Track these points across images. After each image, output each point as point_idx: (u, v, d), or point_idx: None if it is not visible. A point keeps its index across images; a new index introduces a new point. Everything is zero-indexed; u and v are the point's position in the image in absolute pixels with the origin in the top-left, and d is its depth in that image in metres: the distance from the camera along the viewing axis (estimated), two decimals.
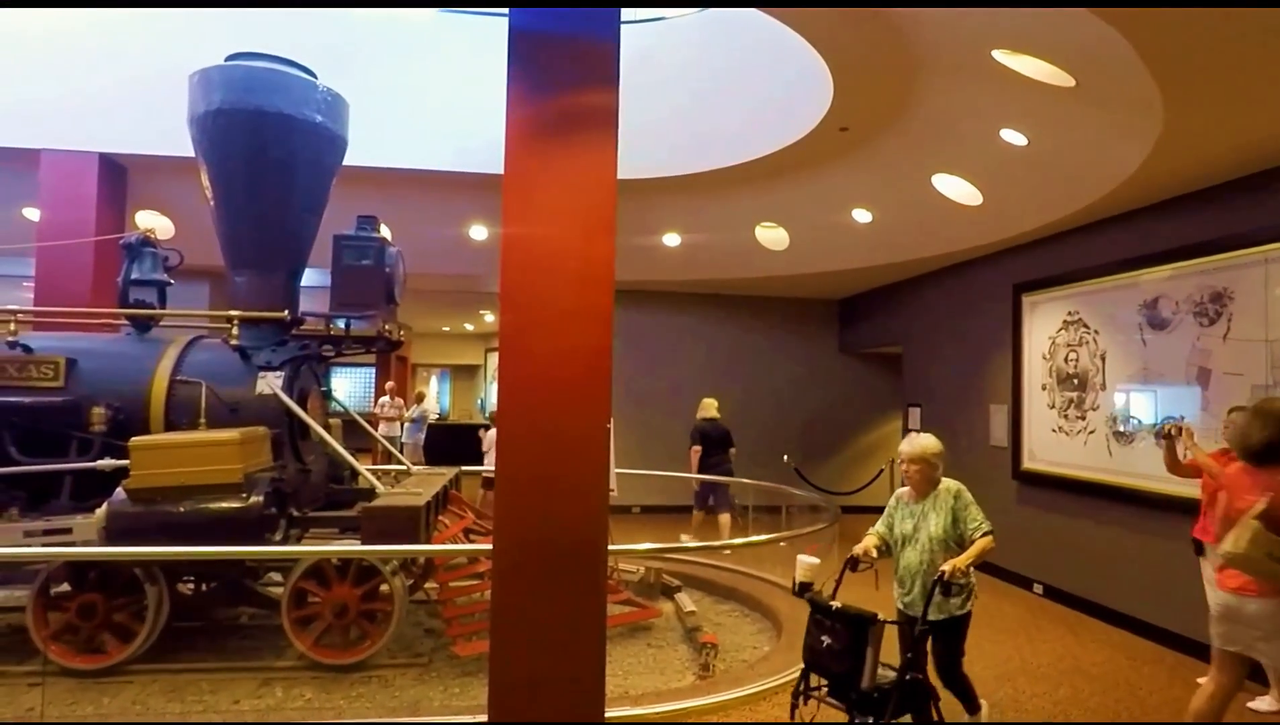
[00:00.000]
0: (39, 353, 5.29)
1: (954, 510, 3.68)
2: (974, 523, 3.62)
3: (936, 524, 3.69)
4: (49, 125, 7.01)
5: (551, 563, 3.83)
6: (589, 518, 3.98)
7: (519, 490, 3.96)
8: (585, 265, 4.03)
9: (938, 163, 6.55)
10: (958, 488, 3.73)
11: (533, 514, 3.91)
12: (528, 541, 3.82)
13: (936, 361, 9.28)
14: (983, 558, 3.55)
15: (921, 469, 3.74)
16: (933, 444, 3.76)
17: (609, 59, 4.14)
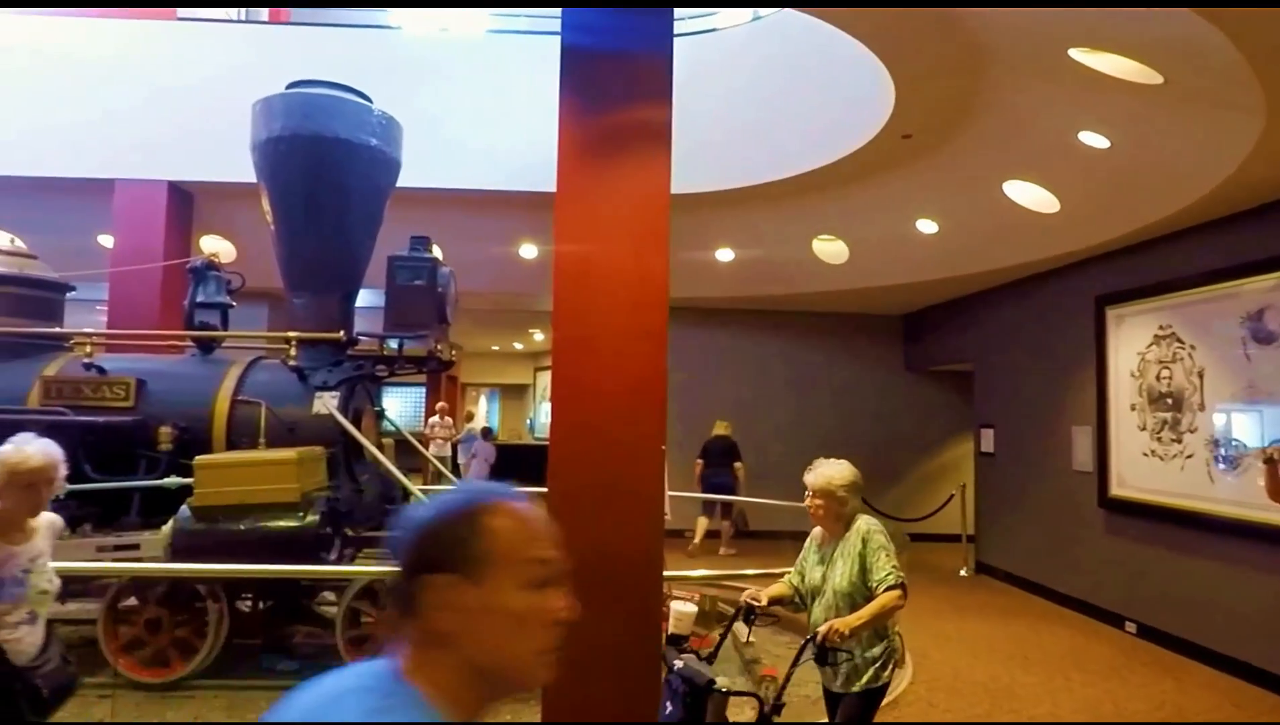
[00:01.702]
0: (112, 374, 5.45)
1: (862, 557, 2.92)
2: (881, 572, 2.86)
3: (843, 574, 2.95)
4: (122, 156, 7.31)
5: (605, 588, 3.69)
6: (643, 542, 3.85)
7: (571, 513, 3.86)
8: (638, 283, 3.94)
9: (1009, 169, 6.23)
10: (868, 528, 2.98)
11: (585, 537, 3.79)
12: (580, 566, 3.69)
13: (1011, 380, 8.82)
14: (883, 618, 2.86)
15: (826, 504, 3.01)
16: (842, 473, 3.04)
17: (661, 73, 4.06)
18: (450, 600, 0.91)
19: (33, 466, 2.55)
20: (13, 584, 2.55)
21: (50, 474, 2.60)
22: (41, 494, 2.59)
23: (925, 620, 6.85)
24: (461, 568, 0.92)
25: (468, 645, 0.92)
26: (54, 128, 7.22)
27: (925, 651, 6.04)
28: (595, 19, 4.12)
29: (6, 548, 2.57)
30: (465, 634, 0.91)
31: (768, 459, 10.48)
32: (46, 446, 2.62)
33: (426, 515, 0.97)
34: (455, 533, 0.94)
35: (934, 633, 6.58)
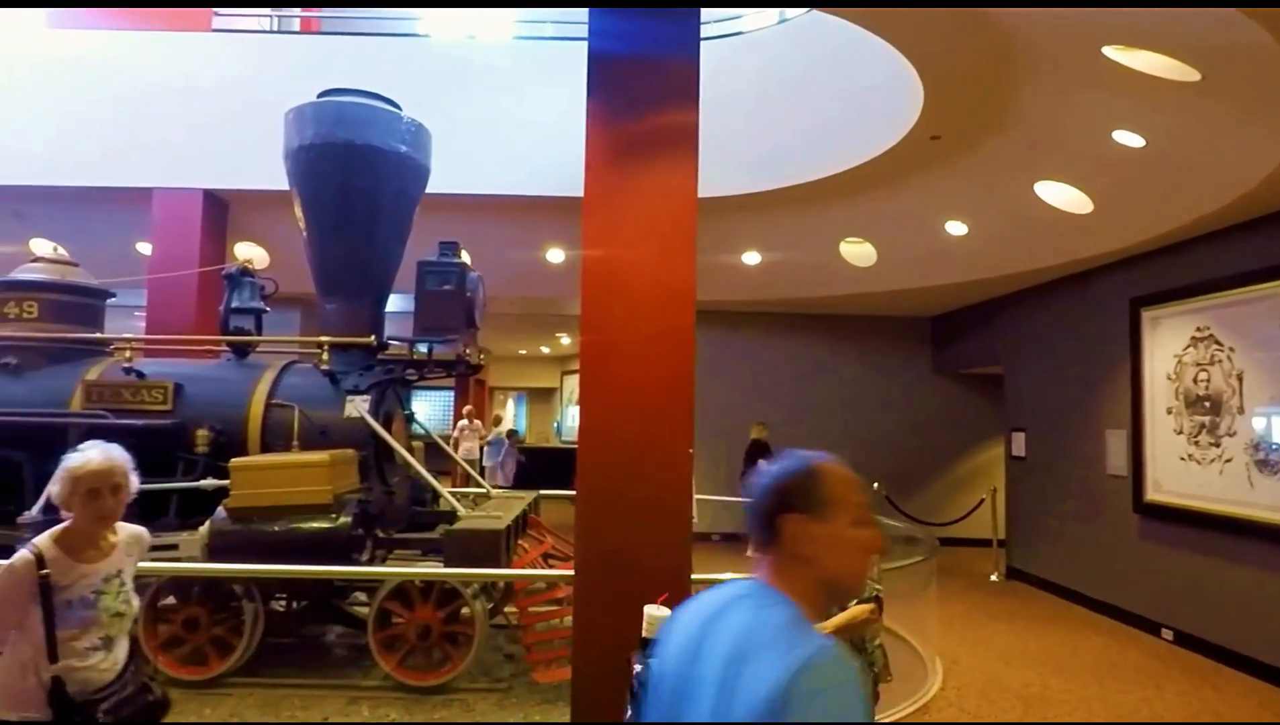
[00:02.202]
0: (150, 378, 5.57)
1: None
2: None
3: None
4: (160, 165, 7.49)
5: (634, 590, 3.70)
6: (672, 545, 3.86)
7: (599, 515, 3.88)
8: (666, 286, 3.95)
9: (1041, 169, 6.14)
10: None
11: (614, 540, 3.81)
12: (609, 568, 3.72)
13: (1042, 382, 8.69)
14: (850, 631, 2.72)
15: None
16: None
17: (688, 77, 4.08)
18: (803, 533, 1.28)
19: (92, 470, 2.35)
20: (81, 606, 2.31)
21: (115, 479, 2.40)
22: (106, 502, 2.37)
23: (956, 626, 6.77)
24: (810, 509, 1.29)
25: (816, 565, 1.28)
26: (94, 139, 7.41)
27: (956, 657, 5.97)
28: (622, 24, 4.14)
29: (75, 566, 2.34)
30: (814, 557, 1.28)
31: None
32: (109, 450, 2.43)
33: (779, 473, 1.34)
34: (804, 484, 1.31)
35: (965, 638, 6.50)
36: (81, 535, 2.39)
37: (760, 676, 1.15)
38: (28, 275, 5.84)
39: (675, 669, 1.33)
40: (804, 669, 1.13)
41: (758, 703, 1.13)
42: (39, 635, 2.25)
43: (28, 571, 2.27)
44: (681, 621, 1.38)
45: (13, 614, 2.26)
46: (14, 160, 7.40)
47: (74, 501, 2.35)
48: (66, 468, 2.37)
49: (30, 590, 2.26)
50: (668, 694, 1.33)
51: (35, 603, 2.25)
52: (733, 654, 1.22)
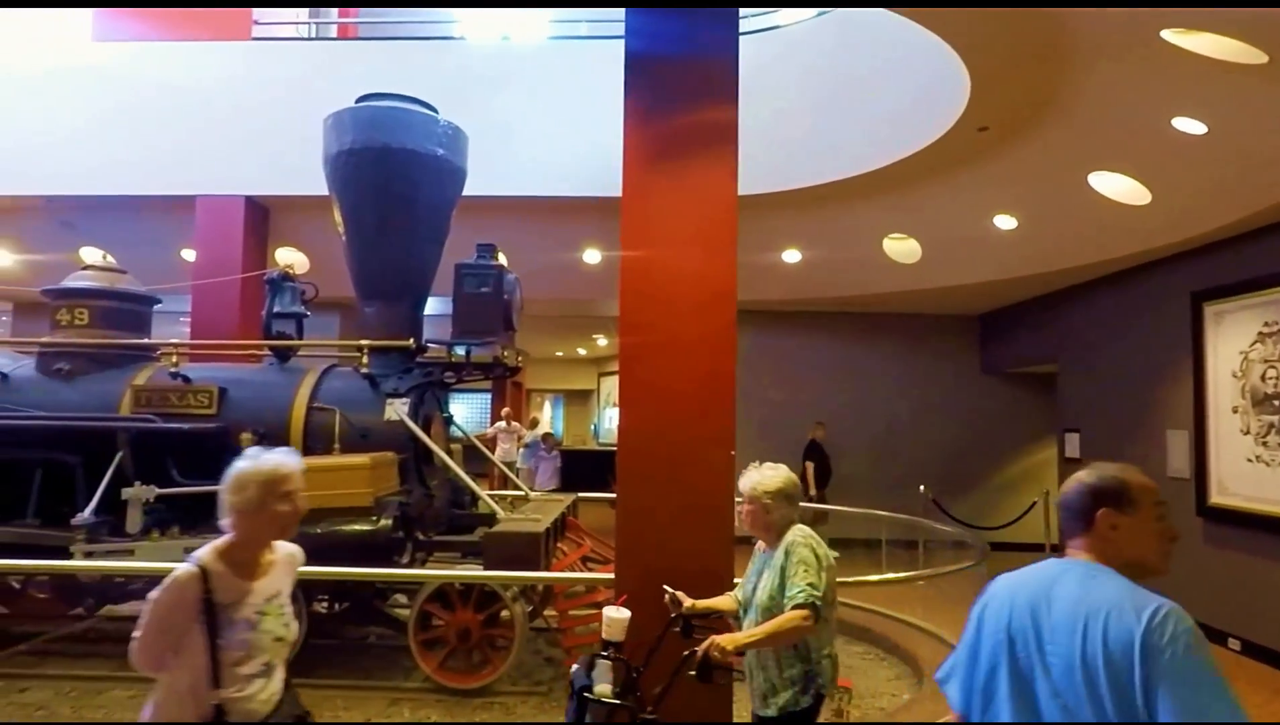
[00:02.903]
0: (196, 382, 5.65)
1: (783, 569, 2.67)
2: (793, 588, 2.58)
3: (764, 588, 2.72)
4: (203, 173, 7.65)
5: None
6: (713, 548, 3.79)
7: (640, 519, 3.82)
8: (706, 286, 3.88)
9: (1095, 160, 5.91)
10: (795, 538, 2.72)
11: (654, 543, 3.75)
12: (650, 571, 3.65)
13: (1097, 381, 8.38)
14: (783, 639, 2.58)
15: (753, 511, 2.80)
16: (771, 479, 2.79)
17: (727, 75, 4.00)
18: (1116, 523, 1.66)
19: (286, 473, 2.15)
20: (244, 628, 2.09)
21: (300, 484, 2.19)
22: (294, 510, 2.17)
23: None
24: (1119, 505, 1.66)
25: (1123, 547, 1.65)
26: (139, 149, 7.59)
27: None
28: (659, 23, 4.07)
29: (240, 583, 2.13)
30: (1124, 542, 1.66)
31: (837, 464, 10.26)
32: (281, 453, 2.21)
33: (1094, 478, 1.70)
34: (1114, 487, 1.68)
35: None
36: (248, 549, 2.17)
37: (1122, 624, 1.48)
38: (79, 283, 5.97)
39: (1010, 627, 1.68)
40: (1161, 616, 1.46)
41: (1125, 645, 1.46)
42: (200, 660, 2.04)
43: (194, 587, 2.06)
44: (1001, 594, 1.76)
45: (171, 635, 2.06)
46: (63, 171, 7.62)
47: (255, 510, 2.11)
48: (253, 471, 2.12)
49: (195, 609, 2.05)
50: (998, 646, 1.69)
51: (198, 623, 2.05)
52: (1080, 612, 1.56)
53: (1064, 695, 1.55)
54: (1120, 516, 1.65)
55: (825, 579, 2.64)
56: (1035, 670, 1.62)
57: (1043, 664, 1.60)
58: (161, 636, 2.06)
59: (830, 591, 2.68)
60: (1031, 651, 1.63)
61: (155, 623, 2.05)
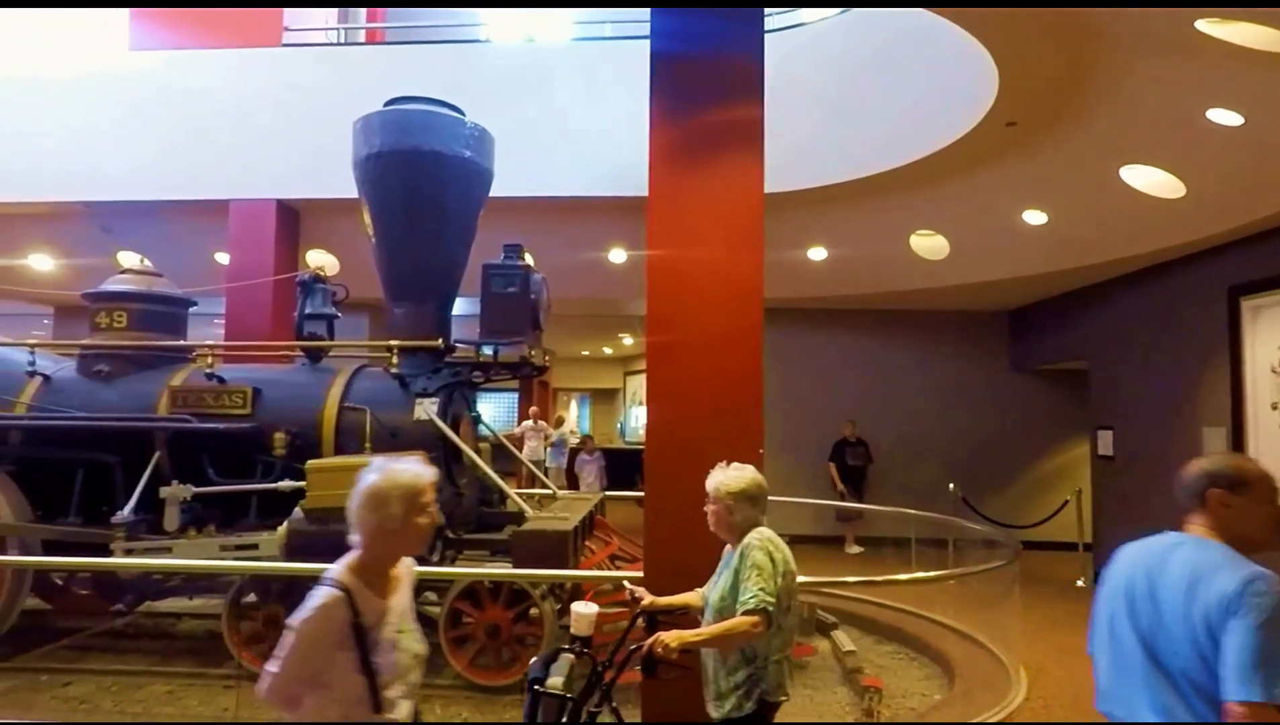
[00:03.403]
0: (230, 383, 5.76)
1: (737, 572, 2.65)
2: (745, 592, 2.55)
3: (719, 588, 2.72)
4: (236, 177, 7.78)
5: None
6: None
7: (669, 515, 3.83)
8: (733, 285, 3.88)
9: (1127, 153, 5.82)
10: (752, 541, 2.68)
11: (683, 542, 3.75)
12: (679, 570, 3.66)
13: (1131, 378, 8.24)
14: (733, 641, 2.56)
15: (716, 511, 2.76)
16: (732, 480, 2.74)
17: (752, 74, 4.00)
18: (1227, 503, 1.95)
19: (427, 482, 2.03)
20: (388, 648, 1.96)
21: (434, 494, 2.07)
22: (431, 520, 2.04)
23: (1042, 633, 6.47)
24: (1232, 487, 1.95)
25: (1234, 526, 1.94)
26: (174, 156, 7.75)
27: (1042, 666, 5.69)
28: (684, 24, 4.09)
29: (378, 601, 1.99)
30: (1234, 521, 1.94)
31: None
32: (413, 461, 2.08)
33: (1209, 462, 2.01)
34: (1226, 470, 1.97)
35: (1052, 646, 6.20)
36: (383, 566, 2.04)
37: (1221, 583, 1.81)
38: (117, 286, 6.11)
39: (1128, 583, 2.03)
40: (1252, 579, 1.79)
41: (1223, 599, 1.78)
42: (353, 687, 1.90)
43: (340, 611, 1.90)
44: (1124, 558, 2.12)
45: (314, 665, 1.90)
46: (102, 178, 7.80)
47: (398, 526, 1.96)
48: (392, 484, 1.96)
49: (342, 634, 1.90)
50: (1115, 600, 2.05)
51: (345, 650, 1.90)
52: (1192, 574, 1.88)
53: (1175, 643, 1.88)
54: (1232, 497, 1.95)
55: (781, 583, 2.60)
56: (1149, 620, 1.95)
57: (1156, 616, 1.93)
58: (305, 666, 1.89)
59: (787, 597, 2.64)
60: (1147, 605, 1.96)
61: (300, 652, 1.88)
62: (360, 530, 1.98)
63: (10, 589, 5.28)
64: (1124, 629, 2.01)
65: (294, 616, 1.90)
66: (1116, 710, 2.03)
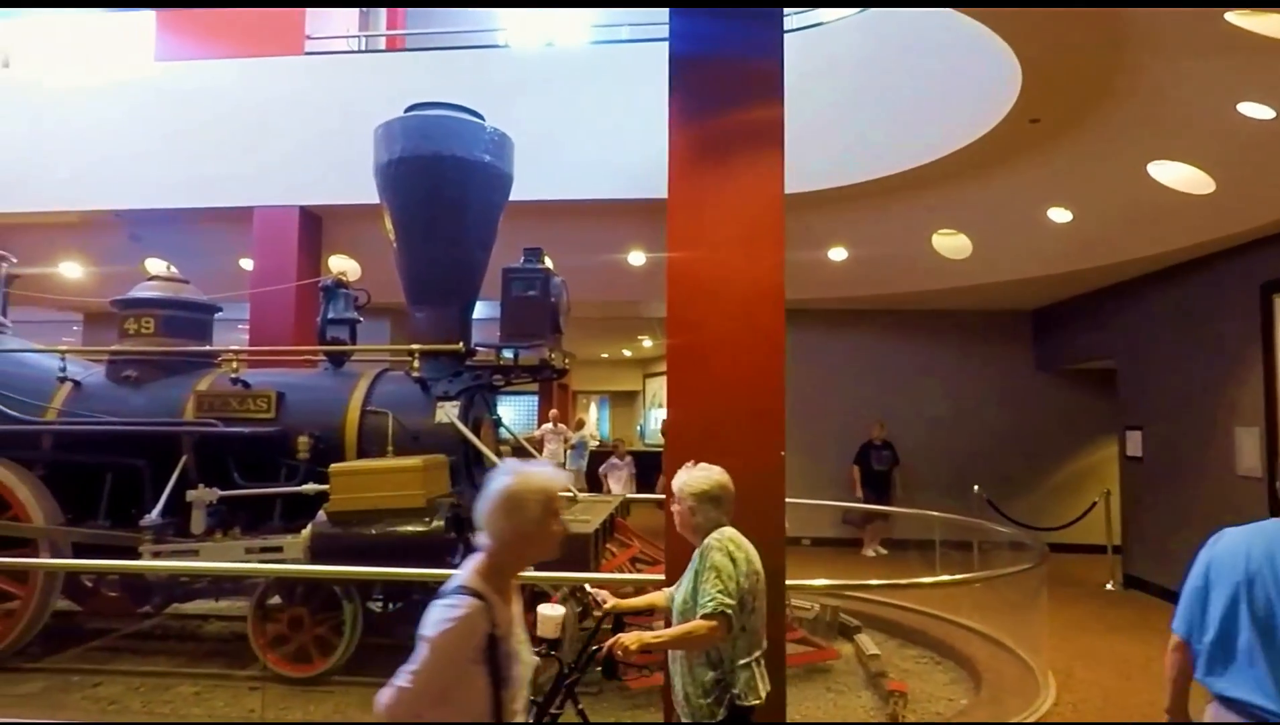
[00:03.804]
0: (255, 388, 5.82)
1: (698, 574, 2.61)
2: (704, 595, 2.52)
3: (682, 590, 2.70)
4: (260, 185, 7.89)
5: None
6: (766, 550, 3.73)
7: None
8: (754, 286, 3.85)
9: (1154, 149, 5.72)
10: (711, 543, 2.63)
11: None
12: None
13: (1161, 377, 8.09)
14: (693, 644, 2.53)
15: (679, 512, 2.75)
16: (698, 481, 2.72)
17: (772, 75, 3.97)
18: None
19: (561, 484, 1.99)
20: (514, 660, 1.88)
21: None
22: (559, 533, 1.97)
23: (1070, 637, 6.37)
24: None
25: None
26: (200, 163, 7.87)
27: (1070, 671, 5.60)
28: (703, 25, 4.07)
29: (505, 610, 1.89)
30: None
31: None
32: (544, 465, 2.05)
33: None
34: None
35: (1080, 651, 6.10)
36: (511, 573, 1.94)
37: None
38: (145, 293, 6.20)
39: (1247, 570, 2.07)
40: None
41: None
42: (481, 703, 1.80)
43: (481, 621, 1.79)
44: (1232, 546, 2.19)
45: (447, 680, 1.78)
46: (130, 186, 7.94)
47: (535, 531, 1.89)
48: (529, 487, 1.89)
49: (480, 645, 1.80)
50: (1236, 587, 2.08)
51: (478, 663, 1.80)
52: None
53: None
54: None
55: (743, 586, 2.56)
56: (1274, 604, 2.00)
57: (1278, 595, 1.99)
58: (439, 680, 1.76)
59: (751, 598, 2.60)
60: (1270, 589, 2.01)
61: (435, 665, 1.75)
62: (492, 534, 1.89)
63: (42, 591, 5.37)
64: (1243, 608, 2.05)
65: (427, 627, 1.78)
66: (1227, 687, 2.08)
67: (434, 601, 1.84)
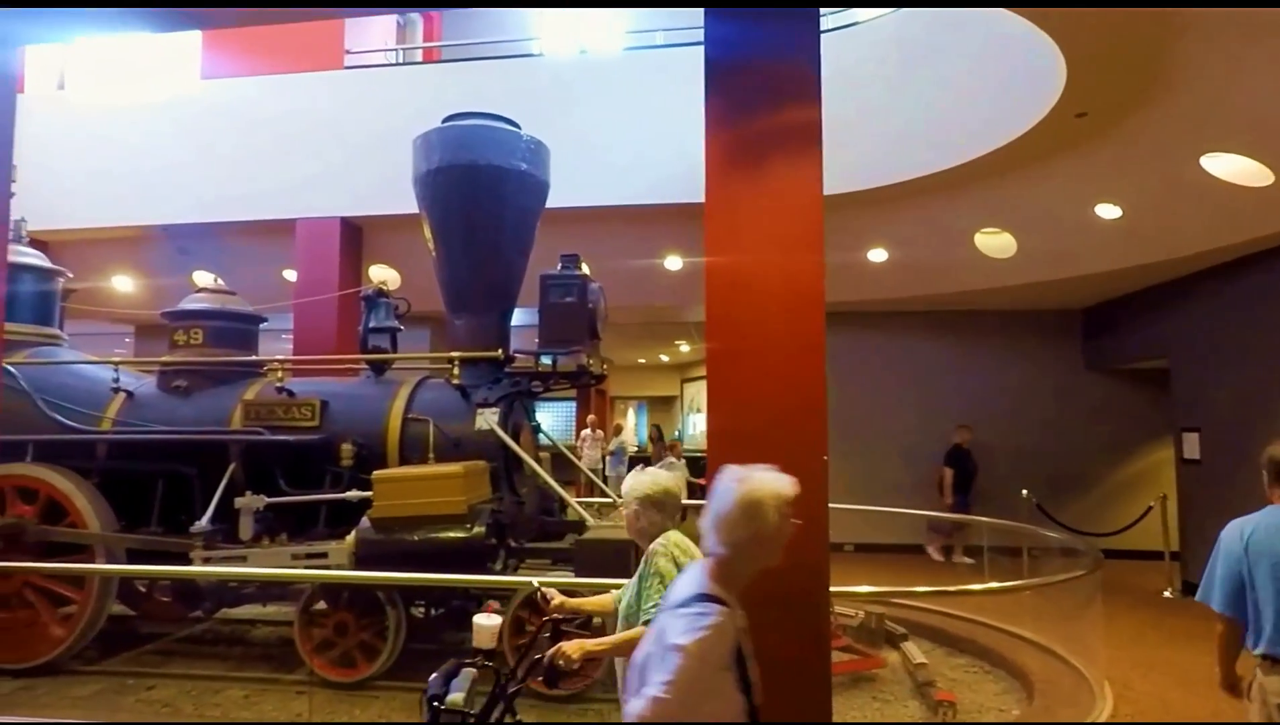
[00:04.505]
0: (300, 396, 5.92)
1: (641, 579, 2.57)
2: (646, 602, 2.48)
3: (628, 595, 2.65)
4: (302, 198, 8.06)
5: (769, 605, 3.54)
6: (809, 557, 3.68)
7: None
8: (794, 290, 3.80)
9: (1208, 140, 5.53)
10: (656, 548, 2.58)
11: None
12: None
13: (1219, 376, 7.81)
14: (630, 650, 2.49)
15: (628, 515, 2.72)
16: (643, 484, 2.69)
17: (809, 76, 3.91)
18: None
19: (790, 490, 1.96)
20: (754, 664, 1.86)
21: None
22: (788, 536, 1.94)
23: (1126, 646, 6.16)
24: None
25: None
26: (244, 178, 8.09)
27: (1128, 681, 5.41)
28: (738, 29, 4.04)
29: (741, 613, 1.87)
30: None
31: (934, 471, 9.92)
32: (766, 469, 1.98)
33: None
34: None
35: (1137, 660, 5.90)
36: (747, 575, 1.91)
37: None
38: (193, 305, 6.36)
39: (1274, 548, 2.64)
40: None
41: None
42: (729, 710, 1.79)
43: (731, 630, 1.78)
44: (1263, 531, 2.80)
45: (703, 689, 1.74)
46: (179, 202, 8.18)
47: (773, 534, 1.87)
48: (764, 491, 1.87)
49: (730, 654, 1.78)
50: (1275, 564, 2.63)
51: (728, 669, 1.78)
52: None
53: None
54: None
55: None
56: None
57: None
58: (694, 688, 1.72)
59: None
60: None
61: (694, 674, 1.71)
62: (729, 541, 1.86)
63: (98, 596, 5.51)
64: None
65: (677, 636, 1.74)
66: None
67: (674, 611, 1.81)
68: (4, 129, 4.75)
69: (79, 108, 8.71)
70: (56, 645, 5.40)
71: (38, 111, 7.95)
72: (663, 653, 1.74)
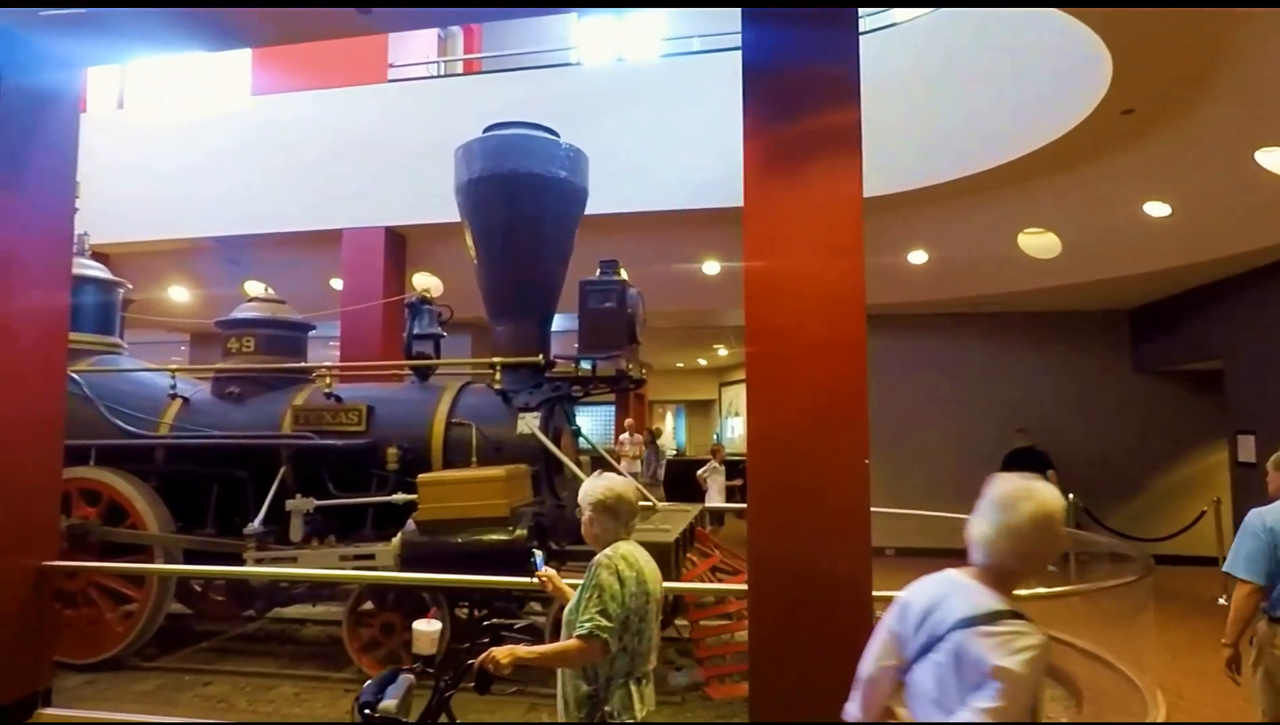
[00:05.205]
0: (347, 402, 6.07)
1: (582, 588, 2.53)
2: (583, 613, 2.43)
3: (573, 601, 2.59)
4: (347, 208, 8.26)
5: (812, 608, 3.57)
6: (851, 560, 3.69)
7: (773, 530, 3.77)
8: (833, 293, 3.80)
9: (1262, 135, 5.38)
10: (601, 558, 2.53)
11: (788, 555, 3.69)
12: (785, 585, 3.60)
13: (1273, 378, 7.56)
14: (567, 662, 2.49)
15: (583, 521, 2.68)
16: (595, 490, 2.64)
17: (848, 78, 3.92)
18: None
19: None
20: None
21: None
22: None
23: (1179, 655, 6.00)
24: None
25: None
26: (292, 191, 8.33)
27: (1180, 691, 5.28)
28: (776, 33, 4.05)
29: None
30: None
31: (977, 475, 9.73)
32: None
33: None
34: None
35: (1190, 669, 5.74)
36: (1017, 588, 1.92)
37: None
38: (245, 314, 6.56)
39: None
40: None
41: None
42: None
43: (1048, 655, 1.80)
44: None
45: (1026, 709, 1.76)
46: (230, 214, 8.45)
47: (1053, 550, 1.90)
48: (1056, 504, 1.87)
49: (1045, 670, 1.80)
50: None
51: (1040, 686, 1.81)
52: None
53: None
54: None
55: (630, 606, 2.45)
56: None
57: None
58: (1024, 716, 1.75)
59: (638, 619, 2.49)
60: None
61: (1023, 695, 1.74)
62: (1019, 552, 1.85)
63: (157, 594, 5.71)
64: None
65: (1001, 658, 1.73)
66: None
67: (976, 629, 1.78)
68: (69, 148, 5.00)
69: (137, 126, 9.06)
70: (118, 642, 5.61)
71: (99, 130, 8.29)
72: (979, 679, 1.73)
